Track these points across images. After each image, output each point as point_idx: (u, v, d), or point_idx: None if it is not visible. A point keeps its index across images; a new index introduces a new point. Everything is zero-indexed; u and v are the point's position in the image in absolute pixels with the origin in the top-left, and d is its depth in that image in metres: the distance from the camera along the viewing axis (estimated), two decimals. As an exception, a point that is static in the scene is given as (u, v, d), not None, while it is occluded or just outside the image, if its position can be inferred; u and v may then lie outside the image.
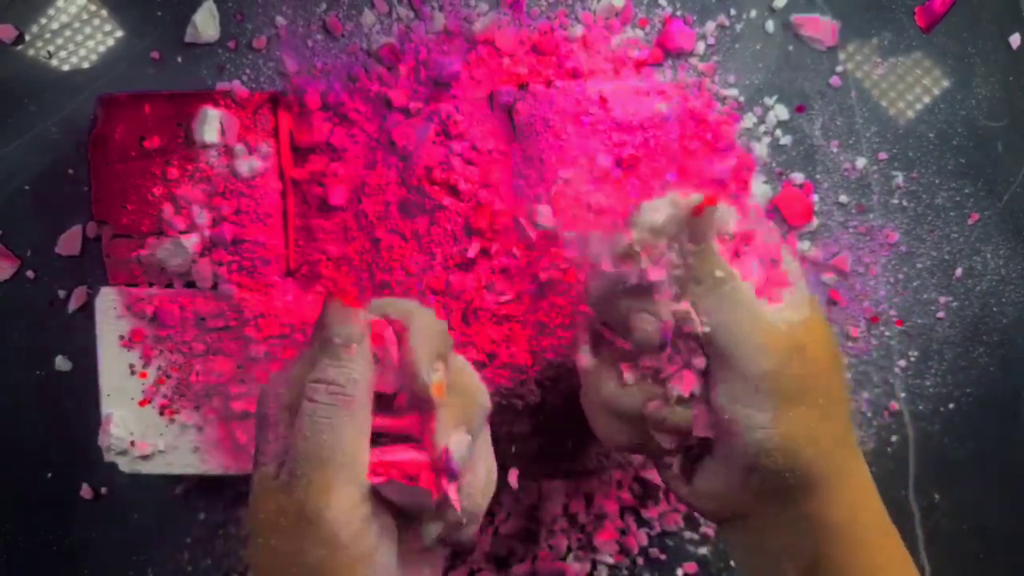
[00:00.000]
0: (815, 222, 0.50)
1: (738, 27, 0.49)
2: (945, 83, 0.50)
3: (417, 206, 0.47)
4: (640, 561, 0.51)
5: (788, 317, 0.33)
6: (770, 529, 0.34)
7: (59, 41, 0.48)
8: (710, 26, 0.49)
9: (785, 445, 0.32)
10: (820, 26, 0.49)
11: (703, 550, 0.51)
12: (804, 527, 0.33)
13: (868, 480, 0.35)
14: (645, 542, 0.51)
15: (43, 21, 0.48)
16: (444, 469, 0.31)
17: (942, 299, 0.51)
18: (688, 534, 0.51)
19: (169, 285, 0.47)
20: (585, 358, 0.37)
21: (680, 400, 0.34)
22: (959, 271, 0.51)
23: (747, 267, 0.34)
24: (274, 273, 0.47)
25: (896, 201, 0.50)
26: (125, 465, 0.46)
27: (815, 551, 0.33)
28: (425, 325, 0.32)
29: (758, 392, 0.32)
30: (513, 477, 0.43)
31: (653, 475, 0.50)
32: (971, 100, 0.50)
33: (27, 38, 0.48)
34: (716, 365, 0.33)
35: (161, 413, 0.47)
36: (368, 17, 0.48)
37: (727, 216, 0.34)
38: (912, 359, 0.51)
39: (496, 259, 0.46)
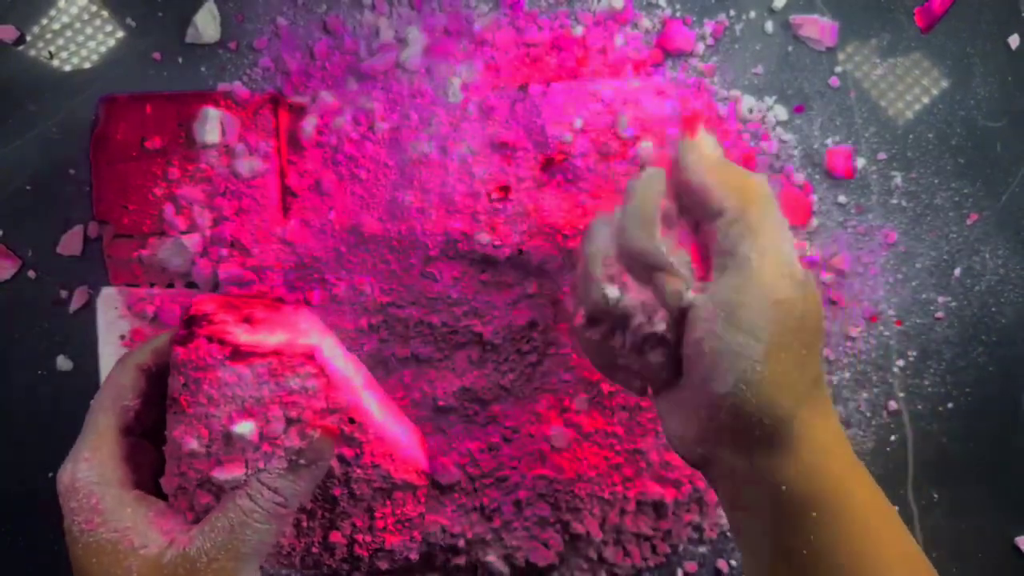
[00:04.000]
0: (814, 222, 0.50)
1: (738, 27, 0.49)
2: (944, 83, 0.50)
3: (416, 208, 0.47)
4: (641, 561, 0.51)
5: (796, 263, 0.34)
6: (736, 481, 0.34)
7: (60, 41, 0.48)
8: (710, 26, 0.49)
9: (765, 385, 0.32)
10: (819, 26, 0.49)
11: (703, 550, 0.52)
12: (756, 481, 0.33)
13: (829, 444, 0.34)
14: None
15: (44, 21, 0.48)
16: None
17: (941, 299, 0.51)
18: (688, 534, 0.51)
19: (170, 285, 0.47)
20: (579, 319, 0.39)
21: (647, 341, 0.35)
22: (958, 271, 0.51)
23: None
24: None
25: (895, 201, 0.50)
26: (126, 465, 0.47)
27: (764, 510, 0.33)
28: None
29: (762, 318, 0.32)
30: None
31: (663, 493, 0.50)
32: (970, 100, 0.50)
33: (28, 38, 0.48)
34: (727, 284, 0.33)
35: (162, 413, 0.47)
36: (368, 17, 0.48)
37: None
38: (911, 359, 0.51)
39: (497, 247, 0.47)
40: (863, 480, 0.35)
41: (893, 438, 0.51)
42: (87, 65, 0.49)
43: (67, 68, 0.49)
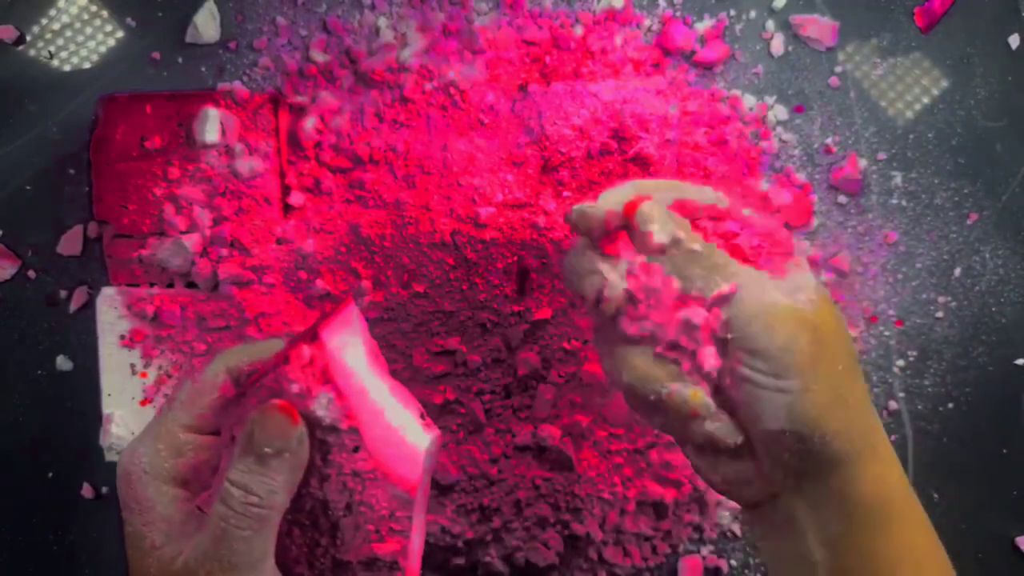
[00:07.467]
0: (814, 222, 0.50)
1: (738, 27, 0.49)
2: (944, 83, 0.50)
3: (416, 208, 0.47)
4: (641, 561, 0.51)
5: (792, 296, 0.33)
6: (797, 507, 0.34)
7: (60, 41, 0.48)
8: (710, 26, 0.49)
9: (814, 410, 0.32)
10: (819, 26, 0.49)
11: (704, 550, 0.51)
12: (832, 503, 0.33)
13: (891, 455, 0.35)
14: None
15: (44, 21, 0.48)
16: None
17: (941, 299, 0.51)
18: (688, 534, 0.51)
19: (170, 285, 0.47)
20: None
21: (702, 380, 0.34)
22: (958, 271, 0.51)
23: (739, 247, 0.35)
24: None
25: (895, 201, 0.50)
26: (126, 465, 0.47)
27: (842, 527, 0.33)
28: None
29: (776, 363, 0.32)
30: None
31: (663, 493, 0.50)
32: (970, 100, 0.50)
33: (28, 38, 0.48)
34: (731, 344, 0.33)
35: (162, 413, 0.47)
36: (368, 17, 0.48)
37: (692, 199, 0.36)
38: (911, 359, 0.51)
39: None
40: (912, 517, 0.35)
41: (893, 438, 0.51)
42: (87, 65, 0.49)
43: (67, 68, 0.49)
